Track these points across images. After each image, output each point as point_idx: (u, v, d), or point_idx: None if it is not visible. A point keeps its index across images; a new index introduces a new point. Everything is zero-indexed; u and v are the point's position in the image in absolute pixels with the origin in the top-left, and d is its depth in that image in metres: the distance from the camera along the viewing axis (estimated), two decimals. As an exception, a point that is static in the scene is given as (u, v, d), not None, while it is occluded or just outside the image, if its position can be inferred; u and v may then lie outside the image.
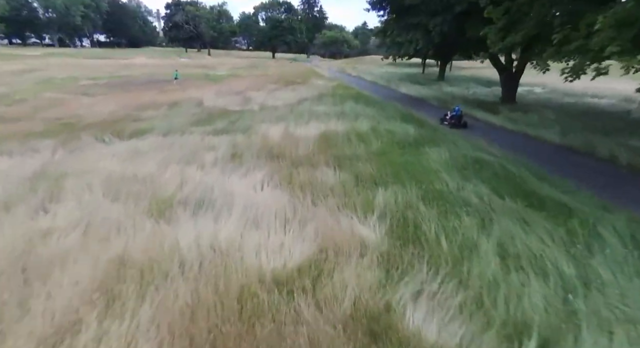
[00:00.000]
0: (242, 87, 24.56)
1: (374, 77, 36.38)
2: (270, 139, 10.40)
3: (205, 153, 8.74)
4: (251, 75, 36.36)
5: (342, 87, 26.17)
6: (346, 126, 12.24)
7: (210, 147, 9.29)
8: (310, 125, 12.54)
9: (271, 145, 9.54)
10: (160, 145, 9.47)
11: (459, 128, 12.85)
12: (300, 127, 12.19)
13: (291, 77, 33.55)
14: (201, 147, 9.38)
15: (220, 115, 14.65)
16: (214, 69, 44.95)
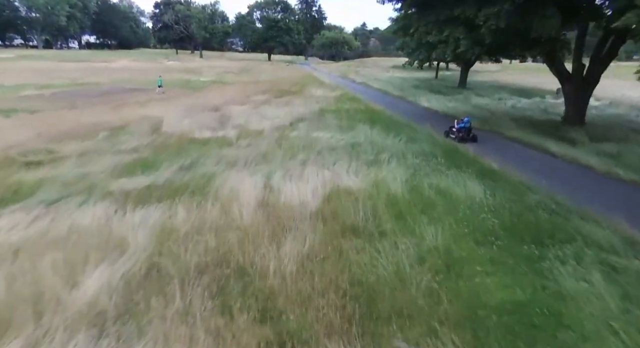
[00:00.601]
0: (223, 99, 19.97)
1: (382, 84, 31.86)
2: (234, 218, 5.78)
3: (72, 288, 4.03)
4: (239, 82, 31.82)
5: (348, 99, 21.58)
6: (365, 179, 7.64)
7: (98, 257, 4.58)
8: (308, 174, 7.95)
9: (228, 247, 4.90)
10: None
11: (468, 142, 11.49)
12: (291, 180, 7.58)
13: (285, 85, 29.01)
14: (84, 250, 4.68)
15: (174, 151, 10.03)
16: (199, 74, 40.41)
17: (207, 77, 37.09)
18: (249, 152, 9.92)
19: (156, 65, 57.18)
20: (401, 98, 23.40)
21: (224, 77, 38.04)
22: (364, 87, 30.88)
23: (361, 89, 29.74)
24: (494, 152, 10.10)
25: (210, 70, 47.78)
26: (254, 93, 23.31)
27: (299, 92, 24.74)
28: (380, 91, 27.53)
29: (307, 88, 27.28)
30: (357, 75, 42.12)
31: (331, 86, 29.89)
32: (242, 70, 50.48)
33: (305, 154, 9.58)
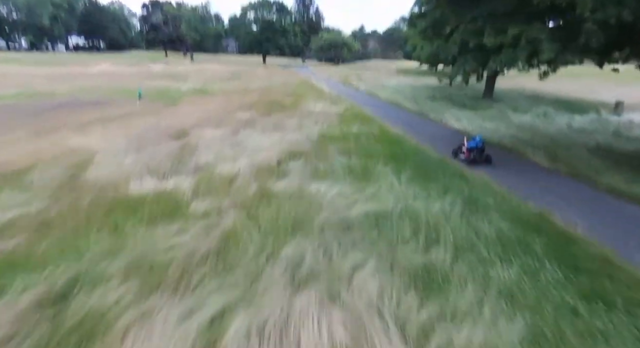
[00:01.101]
0: (197, 118, 15.78)
1: (391, 92, 27.76)
2: None
3: None
4: (225, 92, 27.67)
5: (355, 117, 17.46)
6: None
7: None
8: (303, 327, 3.68)
9: None
10: None
11: (480, 164, 9.84)
12: None
13: (278, 95, 24.91)
14: None
15: (70, 235, 5.82)
16: (183, 81, 36.23)
17: (190, 84, 32.88)
18: (198, 236, 5.69)
19: (139, 69, 53.03)
20: (420, 114, 19.23)
21: (209, 84, 33.84)
22: (370, 97, 26.72)
23: (368, 100, 25.56)
24: (624, 234, 5.91)
25: (197, 75, 43.63)
26: (238, 108, 19.16)
27: (293, 106, 20.59)
28: (391, 104, 23.36)
29: (303, 100, 23.13)
30: (360, 81, 38.00)
31: (332, 97, 25.73)
32: (233, 75, 46.33)
33: (297, 244, 5.37)
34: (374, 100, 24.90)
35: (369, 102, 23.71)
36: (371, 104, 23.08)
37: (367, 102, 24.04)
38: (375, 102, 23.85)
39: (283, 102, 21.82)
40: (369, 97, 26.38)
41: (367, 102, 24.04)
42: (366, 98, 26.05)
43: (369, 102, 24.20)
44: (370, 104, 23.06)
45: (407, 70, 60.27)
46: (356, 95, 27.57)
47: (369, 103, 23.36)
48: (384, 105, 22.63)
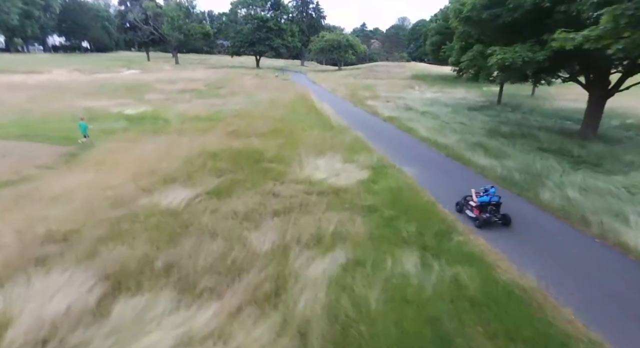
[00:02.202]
0: (57, 219, 7.21)
1: (431, 122, 19.27)
2: None
3: None
4: (181, 122, 19.05)
5: (406, 210, 8.85)
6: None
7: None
8: None
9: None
10: None
11: (494, 225, 8.05)
12: None
13: (258, 129, 16.46)
14: None
15: None
16: (140, 98, 27.70)
17: (143, 106, 24.28)
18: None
19: (101, 77, 44.59)
20: (522, 189, 10.36)
21: (171, 105, 25.24)
22: (406, 135, 17.65)
23: (403, 140, 16.82)
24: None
25: (166, 86, 35.12)
26: (174, 172, 10.72)
27: (279, 160, 12.35)
28: (448, 155, 14.17)
29: (298, 141, 14.71)
30: (377, 99, 29.39)
31: (341, 131, 17.10)
32: (213, 85, 37.80)
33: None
34: (413, 144, 16.18)
35: (407, 150, 15.06)
36: (414, 154, 14.42)
37: (404, 148, 15.41)
38: (420, 151, 15.12)
39: (263, 151, 13.33)
40: (403, 135, 17.63)
41: (404, 148, 15.41)
42: (399, 137, 17.35)
43: (406, 147, 15.56)
44: (413, 154, 14.41)
45: (424, 77, 51.78)
46: (379, 129, 18.89)
47: (409, 152, 14.71)
48: (437, 159, 13.85)
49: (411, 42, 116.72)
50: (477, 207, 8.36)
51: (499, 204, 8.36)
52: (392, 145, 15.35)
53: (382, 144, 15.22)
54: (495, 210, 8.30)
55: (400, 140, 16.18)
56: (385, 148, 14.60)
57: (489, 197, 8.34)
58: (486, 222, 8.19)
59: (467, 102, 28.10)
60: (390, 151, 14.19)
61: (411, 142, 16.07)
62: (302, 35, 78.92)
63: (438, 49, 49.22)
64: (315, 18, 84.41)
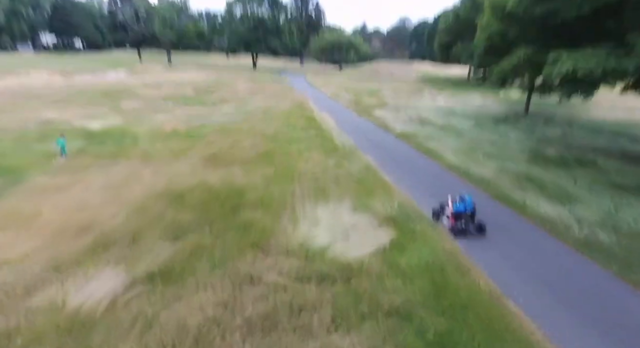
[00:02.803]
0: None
1: (456, 143, 15.92)
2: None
3: None
4: (150, 142, 15.68)
5: None
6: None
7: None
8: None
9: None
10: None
11: (469, 235, 8.01)
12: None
13: (243, 155, 13.15)
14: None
15: None
16: (115, 106, 24.44)
17: (119, 113, 21.04)
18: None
19: (85, 79, 41.23)
20: None
21: (148, 114, 22.01)
22: (429, 162, 14.37)
23: (427, 170, 13.47)
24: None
25: (150, 92, 31.84)
26: (106, 234, 7.39)
27: (268, 208, 9.09)
28: (495, 197, 10.40)
29: (294, 173, 11.47)
30: (385, 108, 26.08)
31: (357, 163, 13.71)
32: (203, 90, 34.49)
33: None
34: (440, 175, 12.81)
35: (435, 186, 11.74)
36: (446, 192, 11.06)
37: (430, 182, 12.08)
38: (452, 186, 11.78)
39: (246, 188, 10.13)
40: (425, 161, 14.25)
41: (430, 182, 12.08)
42: (420, 164, 13.96)
43: (433, 181, 12.22)
44: (444, 192, 11.04)
45: (432, 80, 48.49)
46: (394, 152, 15.53)
47: (438, 189, 11.37)
48: (479, 203, 10.52)
49: (413, 42, 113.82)
50: (453, 214, 8.28)
51: (474, 214, 8.36)
52: (414, 178, 12.04)
53: (401, 176, 11.91)
54: (471, 219, 8.31)
55: (423, 169, 12.86)
56: (406, 183, 11.30)
57: (465, 207, 8.27)
58: (462, 232, 8.17)
59: (488, 111, 24.80)
60: (414, 189, 10.88)
61: (437, 172, 12.74)
62: (301, 35, 75.54)
63: (447, 50, 46.04)
64: (315, 17, 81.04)
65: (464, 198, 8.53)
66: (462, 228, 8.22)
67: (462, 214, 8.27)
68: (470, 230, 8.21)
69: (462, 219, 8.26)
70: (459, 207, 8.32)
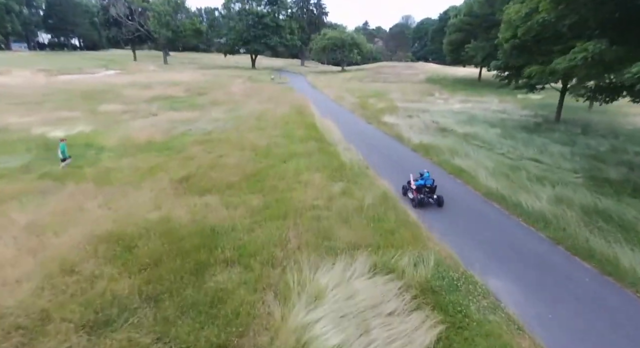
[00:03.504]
0: None
1: (496, 156, 13.00)
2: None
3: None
4: (125, 154, 12.87)
5: None
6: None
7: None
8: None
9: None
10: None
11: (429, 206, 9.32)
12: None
13: (226, 187, 10.30)
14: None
15: None
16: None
17: (94, 118, 18.33)
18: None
19: (70, 79, 38.50)
20: None
21: (125, 119, 19.31)
22: (472, 194, 11.20)
23: (474, 209, 10.50)
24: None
25: (137, 92, 29.13)
26: None
27: (246, 299, 5.93)
28: (583, 259, 7.31)
29: (287, 219, 8.49)
30: (395, 113, 23.23)
31: (372, 190, 10.90)
32: (195, 91, 31.74)
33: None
34: (481, 208, 9.91)
35: (478, 227, 8.90)
36: (494, 238, 8.24)
37: (470, 219, 9.25)
38: (501, 228, 8.93)
39: (221, 232, 7.45)
40: (454, 184, 11.38)
41: (470, 219, 9.25)
42: (449, 189, 11.03)
43: (473, 218, 9.36)
44: (494, 239, 8.22)
45: (440, 81, 45.60)
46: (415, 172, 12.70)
47: (483, 233, 8.53)
48: (546, 259, 7.56)
49: (415, 41, 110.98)
50: (415, 189, 9.60)
51: (433, 187, 9.63)
52: (448, 214, 9.17)
53: (430, 211, 9.07)
54: (431, 192, 9.57)
55: (458, 200, 9.95)
56: (439, 223, 8.46)
57: (424, 181, 9.66)
58: (421, 203, 9.40)
59: (511, 116, 21.95)
60: (452, 232, 8.05)
61: (477, 203, 9.83)
62: (302, 33, 72.65)
63: (458, 48, 43.11)
64: (317, 14, 78.21)
65: (423, 174, 9.78)
66: (421, 199, 9.41)
67: (422, 188, 9.58)
68: (430, 201, 9.50)
69: (422, 192, 9.51)
70: (419, 182, 9.66)
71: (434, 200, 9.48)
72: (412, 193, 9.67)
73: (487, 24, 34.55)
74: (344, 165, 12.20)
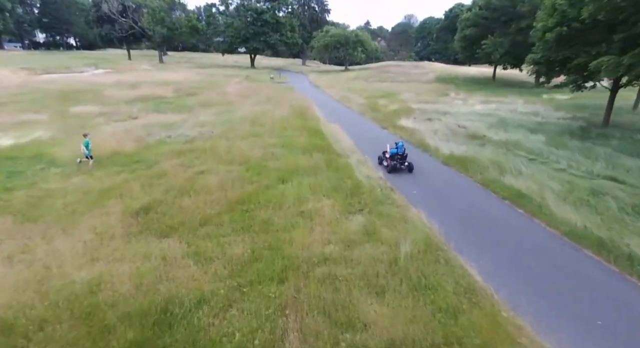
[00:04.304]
0: None
1: (559, 173, 10.03)
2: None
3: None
4: (79, 169, 9.91)
5: None
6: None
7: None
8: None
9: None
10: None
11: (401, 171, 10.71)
12: None
13: (201, 223, 7.30)
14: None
15: None
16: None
17: (61, 121, 15.40)
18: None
19: (53, 77, 35.76)
20: None
21: (98, 123, 16.40)
22: (563, 247, 7.88)
23: (576, 277, 7.54)
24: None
25: (120, 92, 26.29)
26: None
27: None
28: None
29: (284, 292, 5.46)
30: (411, 115, 20.31)
31: (411, 231, 8.02)
32: (185, 91, 28.89)
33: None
34: (578, 270, 6.99)
35: (570, 290, 5.94)
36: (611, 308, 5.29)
37: (556, 279, 6.26)
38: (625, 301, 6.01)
39: (170, 329, 4.28)
40: (525, 225, 8.37)
41: (556, 279, 6.26)
42: (518, 234, 8.10)
43: (565, 279, 6.38)
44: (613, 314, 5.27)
45: (452, 80, 42.67)
46: (461, 205, 9.76)
47: (587, 306, 5.56)
48: None
49: (418, 40, 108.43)
50: (389, 157, 11.08)
51: (405, 155, 11.07)
52: (530, 279, 6.16)
53: (497, 265, 6.12)
54: (402, 160, 11.01)
55: (524, 246, 7.00)
56: (519, 291, 5.51)
57: (397, 150, 11.01)
58: (394, 168, 10.96)
59: (548, 119, 19.01)
60: (547, 313, 5.10)
61: (560, 253, 6.79)
62: (304, 30, 69.75)
63: (471, 45, 40.16)
64: (318, 11, 75.35)
65: (397, 144, 11.17)
66: (394, 165, 10.96)
67: (395, 156, 11.01)
68: (402, 167, 11.04)
69: (395, 160, 10.99)
70: (393, 151, 11.09)
71: (405, 166, 10.93)
72: (387, 161, 11.12)
73: (507, 18, 31.64)
74: (360, 186, 9.28)
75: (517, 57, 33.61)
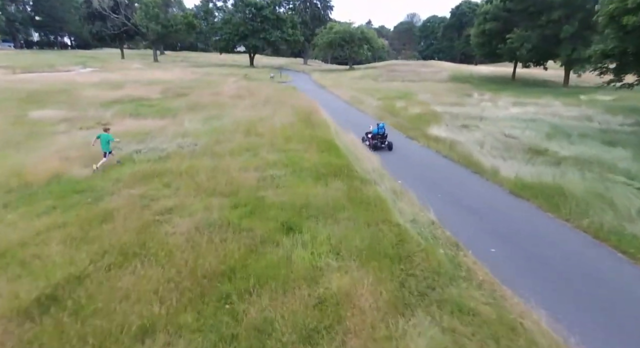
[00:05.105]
0: None
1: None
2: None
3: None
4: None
5: None
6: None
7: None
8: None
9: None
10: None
11: (382, 150, 12.19)
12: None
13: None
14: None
15: None
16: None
17: (9, 129, 12.13)
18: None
19: (31, 77, 32.44)
20: None
21: (59, 129, 13.11)
22: None
23: None
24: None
25: (100, 93, 23.03)
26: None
27: None
28: None
29: None
30: (441, 122, 16.97)
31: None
32: (174, 91, 25.61)
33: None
34: None
35: None
36: None
37: None
38: None
39: None
40: None
41: None
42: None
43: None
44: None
45: (468, 79, 39.35)
46: (576, 283, 6.44)
47: None
48: None
49: (422, 39, 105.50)
50: (371, 137, 12.58)
51: (385, 135, 12.55)
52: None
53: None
54: (382, 139, 12.49)
55: None
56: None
57: (378, 130, 12.49)
58: (375, 147, 12.36)
59: (608, 126, 15.70)
60: None
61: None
62: (305, 28, 66.31)
63: (490, 41, 36.79)
64: (321, 8, 71.92)
65: (379, 125, 12.66)
66: (375, 144, 12.36)
67: (377, 135, 12.45)
68: (382, 146, 12.40)
69: (376, 139, 12.42)
70: (374, 131, 12.52)
71: (385, 145, 12.43)
72: (369, 140, 12.68)
73: (535, 9, 28.27)
74: (407, 241, 5.93)
75: (544, 53, 30.28)
